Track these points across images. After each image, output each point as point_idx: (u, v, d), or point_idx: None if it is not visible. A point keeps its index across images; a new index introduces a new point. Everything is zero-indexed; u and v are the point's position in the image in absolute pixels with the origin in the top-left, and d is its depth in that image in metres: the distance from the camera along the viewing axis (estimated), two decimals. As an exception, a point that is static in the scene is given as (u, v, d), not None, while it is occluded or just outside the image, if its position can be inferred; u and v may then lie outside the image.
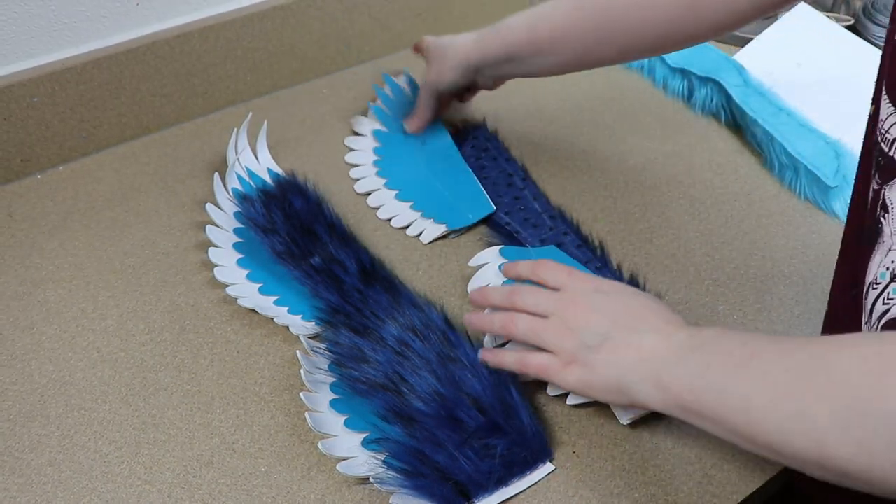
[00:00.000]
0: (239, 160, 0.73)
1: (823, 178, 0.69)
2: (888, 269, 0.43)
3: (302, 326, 0.60)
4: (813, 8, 0.89)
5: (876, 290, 0.43)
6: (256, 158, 0.75)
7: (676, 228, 0.69)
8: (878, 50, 0.59)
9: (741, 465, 0.52)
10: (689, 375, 0.45)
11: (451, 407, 0.52)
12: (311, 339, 0.59)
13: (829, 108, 0.77)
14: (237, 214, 0.69)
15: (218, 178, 0.71)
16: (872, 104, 0.48)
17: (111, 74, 0.76)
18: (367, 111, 0.82)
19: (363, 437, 0.53)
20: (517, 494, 0.50)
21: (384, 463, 0.50)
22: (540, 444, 0.52)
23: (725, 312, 0.62)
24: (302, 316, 0.61)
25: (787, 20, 0.87)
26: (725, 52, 0.85)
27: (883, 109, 0.45)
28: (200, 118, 0.84)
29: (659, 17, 0.60)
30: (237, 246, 0.67)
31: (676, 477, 0.51)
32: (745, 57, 0.85)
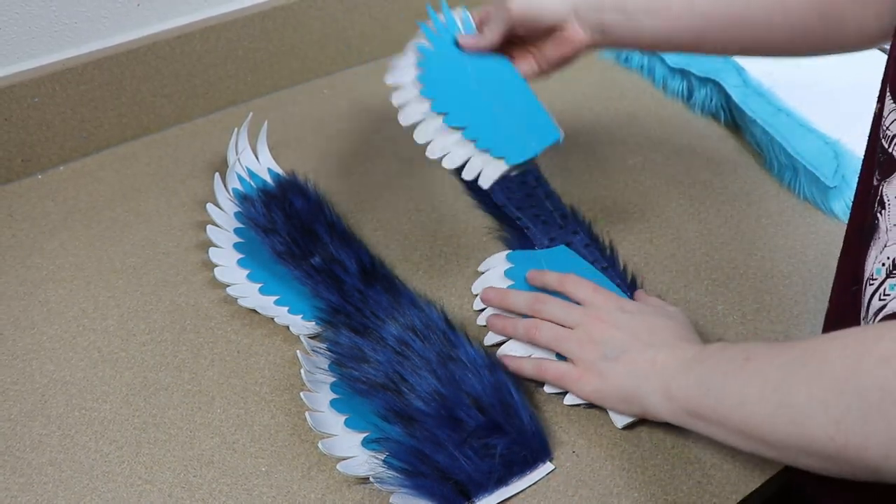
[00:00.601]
0: (239, 160, 0.73)
1: (823, 178, 0.69)
2: (884, 264, 0.43)
3: (302, 326, 0.60)
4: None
5: (872, 285, 0.43)
6: (257, 158, 0.75)
7: (676, 228, 0.69)
8: (877, 50, 0.59)
9: (740, 465, 0.52)
10: (693, 383, 0.47)
11: (451, 406, 0.52)
12: (311, 338, 0.59)
13: (828, 108, 0.77)
14: (238, 214, 0.69)
15: (218, 178, 0.71)
16: (878, 102, 0.49)
17: (112, 75, 0.77)
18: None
19: (363, 436, 0.53)
20: (517, 494, 0.50)
21: (384, 462, 0.50)
22: (540, 443, 0.52)
23: (724, 312, 0.62)
24: (302, 316, 0.61)
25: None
26: (725, 52, 0.85)
27: (887, 107, 0.46)
28: (201, 118, 0.84)
29: (793, 22, 0.58)
30: (238, 246, 0.67)
31: (676, 477, 0.51)
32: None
